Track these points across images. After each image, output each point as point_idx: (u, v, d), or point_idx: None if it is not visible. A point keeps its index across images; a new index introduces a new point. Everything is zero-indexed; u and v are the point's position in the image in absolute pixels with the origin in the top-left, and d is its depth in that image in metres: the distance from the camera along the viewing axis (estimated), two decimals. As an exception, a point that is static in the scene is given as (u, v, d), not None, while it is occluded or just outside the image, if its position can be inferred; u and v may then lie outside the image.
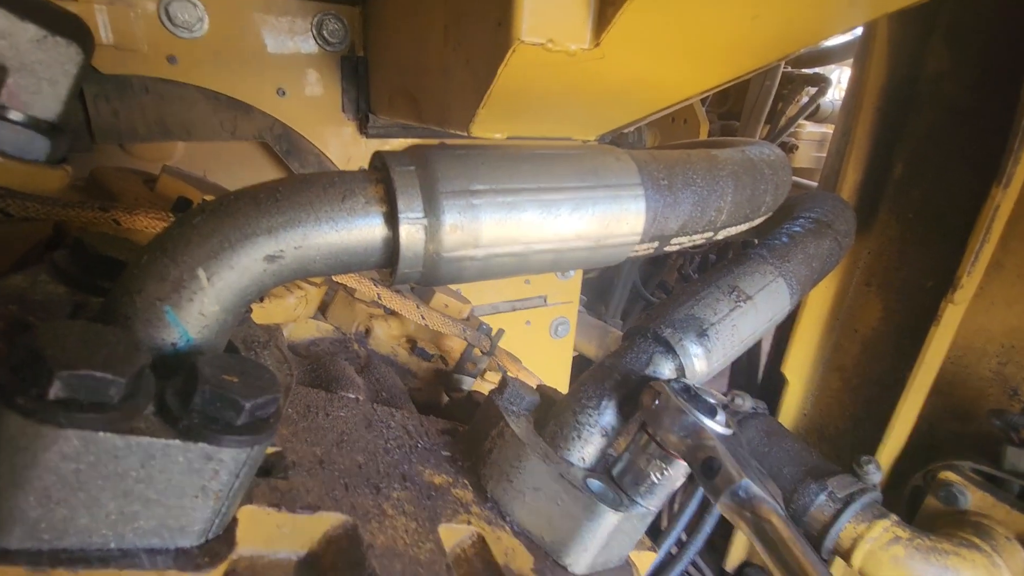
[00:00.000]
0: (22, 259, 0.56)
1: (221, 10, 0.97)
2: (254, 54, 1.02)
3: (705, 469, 0.49)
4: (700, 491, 1.30)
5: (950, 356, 1.24)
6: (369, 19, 1.08)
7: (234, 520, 0.41)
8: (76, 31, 0.61)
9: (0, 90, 0.57)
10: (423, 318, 0.85)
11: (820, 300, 1.37)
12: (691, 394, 0.55)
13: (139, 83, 0.95)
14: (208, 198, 0.72)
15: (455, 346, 0.95)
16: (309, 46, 1.06)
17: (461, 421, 0.73)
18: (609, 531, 0.54)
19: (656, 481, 0.57)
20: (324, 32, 1.06)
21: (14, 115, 0.58)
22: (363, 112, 1.14)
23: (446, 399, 0.93)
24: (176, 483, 0.35)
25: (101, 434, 0.32)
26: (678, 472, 0.56)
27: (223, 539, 0.39)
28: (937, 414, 1.32)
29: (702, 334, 0.65)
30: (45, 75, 0.59)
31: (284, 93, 1.07)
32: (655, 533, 1.31)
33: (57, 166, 0.63)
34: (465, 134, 0.78)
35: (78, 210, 0.58)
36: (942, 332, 1.15)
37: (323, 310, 0.91)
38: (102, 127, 0.95)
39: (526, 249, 0.50)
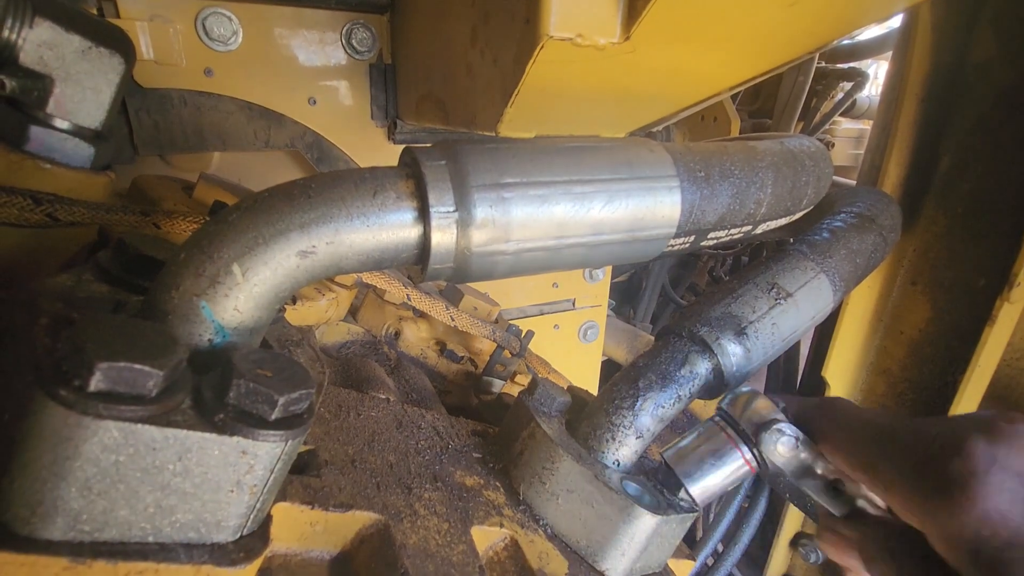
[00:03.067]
0: (69, 262, 0.58)
1: (254, 23, 1.00)
2: (286, 65, 1.04)
3: (831, 490, 0.50)
4: (737, 500, 1.25)
5: (1006, 358, 1.17)
6: (396, 26, 1.09)
7: (268, 517, 0.41)
8: (119, 42, 0.64)
9: (47, 100, 0.59)
10: (452, 319, 0.85)
11: (863, 300, 1.31)
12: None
13: (178, 96, 0.98)
14: (242, 202, 0.73)
15: (484, 348, 0.95)
16: (338, 56, 1.08)
17: (491, 423, 0.72)
18: (647, 535, 0.52)
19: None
20: (353, 41, 1.07)
21: (60, 123, 0.60)
22: (391, 118, 1.16)
23: (476, 401, 0.93)
24: (212, 477, 0.35)
25: (139, 426, 0.32)
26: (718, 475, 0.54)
27: (257, 535, 0.39)
28: (993, 420, 1.24)
29: (740, 333, 0.63)
30: (90, 85, 0.61)
31: (315, 102, 1.10)
32: (690, 544, 1.27)
33: (101, 173, 0.65)
34: (493, 135, 0.77)
35: (121, 214, 0.60)
36: (997, 333, 1.09)
37: (353, 313, 0.92)
38: (144, 139, 0.99)
39: (558, 243, 0.48)
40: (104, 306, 0.42)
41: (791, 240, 0.79)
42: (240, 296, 0.40)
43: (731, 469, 0.54)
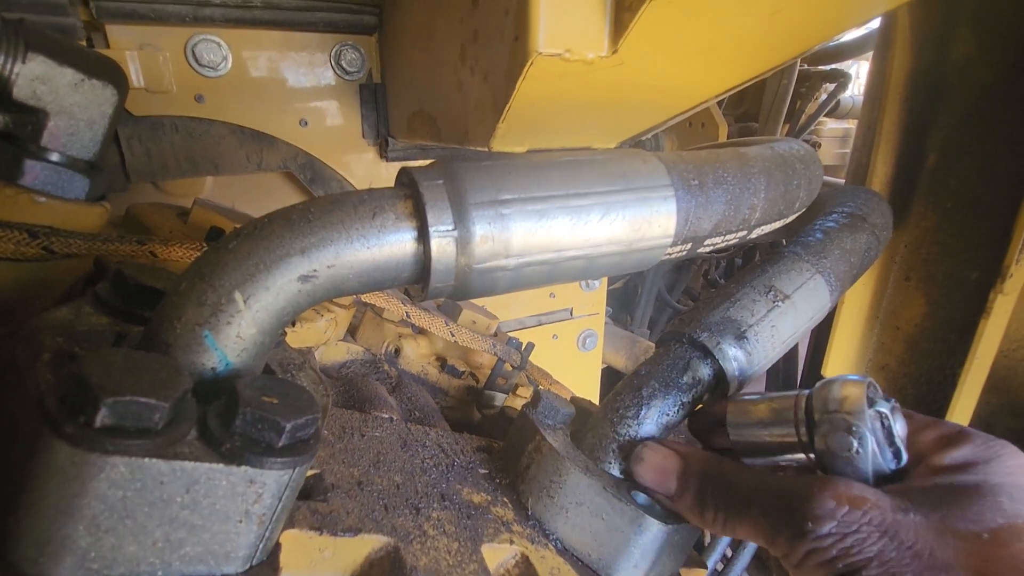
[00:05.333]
0: (66, 293, 0.58)
1: (243, 48, 1.00)
2: (276, 88, 1.05)
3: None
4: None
5: (1003, 350, 1.18)
6: (385, 46, 1.10)
7: (277, 545, 0.40)
8: (111, 74, 0.64)
9: (41, 133, 0.59)
10: (452, 335, 0.85)
11: (858, 298, 1.32)
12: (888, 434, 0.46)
13: (169, 123, 0.99)
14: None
15: (485, 362, 0.95)
16: (328, 77, 1.09)
17: (495, 437, 0.72)
18: (658, 545, 0.52)
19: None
20: (342, 62, 1.08)
21: (54, 156, 0.60)
22: (383, 137, 1.17)
23: (479, 416, 0.92)
24: (220, 508, 0.34)
25: (147, 460, 0.32)
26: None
27: (267, 564, 0.38)
28: (993, 411, 1.25)
29: (740, 336, 0.63)
30: (83, 117, 0.61)
31: (306, 123, 1.10)
32: (698, 550, 1.25)
33: (96, 203, 0.65)
34: (486, 150, 0.78)
35: (117, 244, 0.60)
36: (993, 325, 1.10)
37: (352, 332, 0.92)
38: (136, 167, 0.99)
39: (557, 256, 0.49)
40: (105, 339, 0.42)
41: (784, 242, 0.80)
42: (243, 323, 0.40)
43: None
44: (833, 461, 0.46)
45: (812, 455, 0.48)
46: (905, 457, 0.46)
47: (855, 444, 0.45)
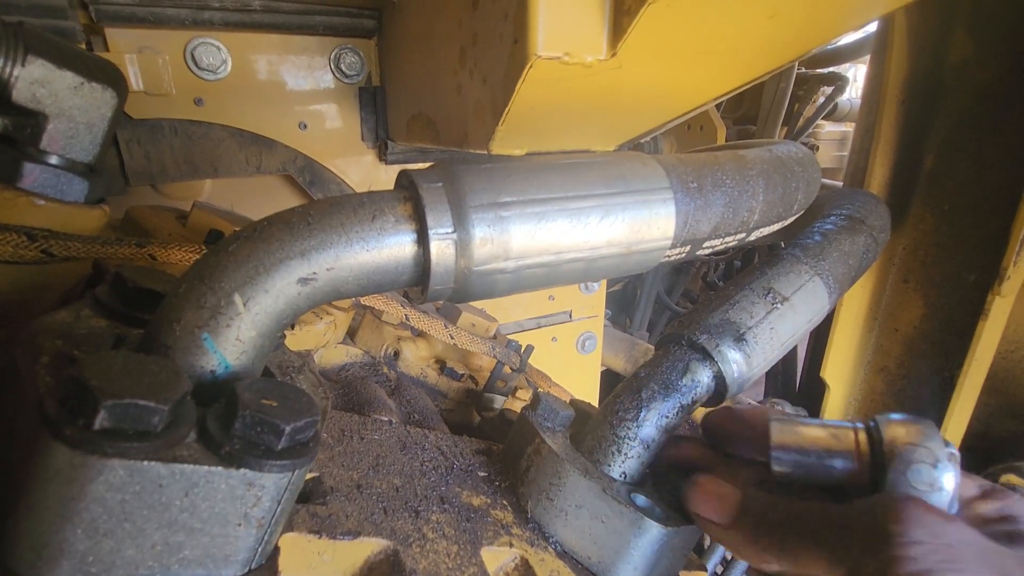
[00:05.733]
0: (65, 296, 0.58)
1: (243, 52, 1.01)
2: (275, 91, 1.05)
3: None
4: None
5: (1001, 351, 1.18)
6: (384, 50, 1.10)
7: (276, 549, 0.40)
8: (111, 77, 0.64)
9: (41, 136, 0.59)
10: (451, 337, 0.85)
11: (856, 300, 1.32)
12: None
13: (169, 126, 0.99)
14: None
15: (484, 365, 0.95)
16: (327, 80, 1.09)
17: (494, 440, 0.72)
18: (658, 547, 0.52)
19: (704, 494, 0.54)
20: (342, 65, 1.09)
21: (54, 159, 0.60)
22: (382, 140, 1.17)
23: (478, 419, 0.92)
24: (219, 511, 0.34)
25: (145, 463, 0.31)
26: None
27: (266, 568, 0.38)
28: (992, 413, 1.25)
29: (740, 339, 0.63)
30: (83, 120, 0.61)
31: (305, 126, 1.10)
32: (698, 552, 1.25)
33: (95, 206, 0.65)
34: (485, 153, 0.78)
35: (116, 247, 0.60)
36: (991, 327, 1.10)
37: (351, 335, 0.92)
38: (135, 170, 0.99)
39: (557, 259, 0.49)
40: (104, 341, 0.42)
41: (783, 244, 0.80)
42: (242, 326, 0.40)
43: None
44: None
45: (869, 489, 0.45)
46: (956, 507, 0.44)
47: (940, 480, 0.42)
